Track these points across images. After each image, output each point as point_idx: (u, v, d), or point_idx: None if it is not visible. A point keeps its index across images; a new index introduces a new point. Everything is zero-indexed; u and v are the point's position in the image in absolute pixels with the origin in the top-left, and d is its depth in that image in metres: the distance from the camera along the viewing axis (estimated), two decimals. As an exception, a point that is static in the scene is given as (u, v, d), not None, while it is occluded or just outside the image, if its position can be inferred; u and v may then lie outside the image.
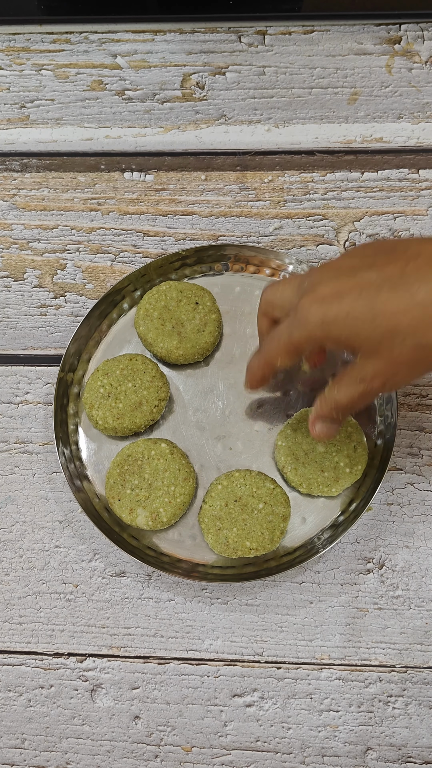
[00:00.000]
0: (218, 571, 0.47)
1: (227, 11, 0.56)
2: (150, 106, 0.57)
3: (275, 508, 0.46)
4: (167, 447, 0.48)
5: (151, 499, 0.46)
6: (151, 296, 0.51)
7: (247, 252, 0.52)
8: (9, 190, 0.56)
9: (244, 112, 0.56)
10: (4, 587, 0.49)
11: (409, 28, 0.56)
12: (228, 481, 0.47)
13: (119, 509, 0.47)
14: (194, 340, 0.50)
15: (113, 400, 0.48)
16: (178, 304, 0.50)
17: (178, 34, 0.57)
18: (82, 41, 0.57)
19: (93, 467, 0.50)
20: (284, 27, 0.57)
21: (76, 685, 0.47)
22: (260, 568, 0.47)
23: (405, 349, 0.34)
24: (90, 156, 0.56)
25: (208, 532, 0.46)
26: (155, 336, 0.50)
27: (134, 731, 0.46)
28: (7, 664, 0.47)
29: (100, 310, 0.52)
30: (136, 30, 0.57)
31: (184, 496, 0.47)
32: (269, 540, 0.45)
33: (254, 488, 0.46)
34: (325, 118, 0.56)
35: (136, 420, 0.48)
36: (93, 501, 0.49)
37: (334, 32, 0.56)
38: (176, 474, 0.47)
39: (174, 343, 0.50)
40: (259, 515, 0.46)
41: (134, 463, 0.47)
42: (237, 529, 0.46)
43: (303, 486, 0.47)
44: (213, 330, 0.50)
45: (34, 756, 0.46)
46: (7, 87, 0.57)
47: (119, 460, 0.48)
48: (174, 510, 0.46)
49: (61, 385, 0.50)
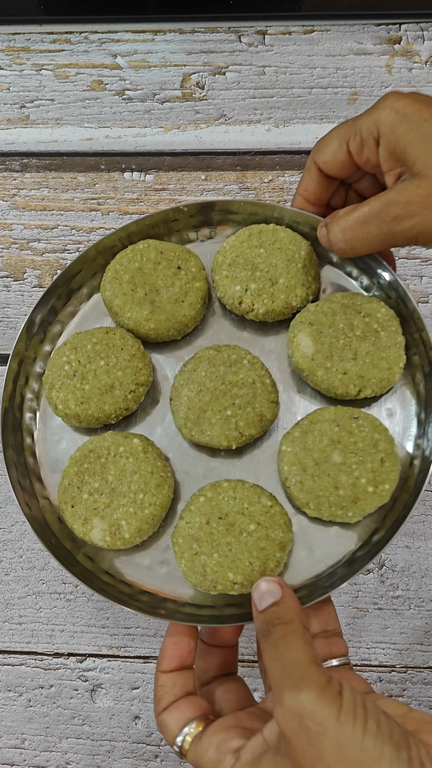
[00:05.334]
0: (191, 610, 0.37)
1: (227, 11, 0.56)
2: (150, 106, 0.57)
3: (271, 532, 0.35)
4: (140, 444, 0.38)
5: (113, 508, 0.36)
6: (124, 256, 0.42)
7: (256, 208, 0.43)
8: (9, 190, 0.56)
9: (244, 112, 0.56)
10: (4, 587, 0.49)
11: (409, 28, 0.56)
12: (213, 492, 0.37)
13: (71, 518, 0.37)
14: (170, 311, 0.40)
15: (79, 380, 0.39)
16: (156, 267, 0.41)
17: (178, 34, 0.57)
18: (82, 41, 0.57)
19: (49, 466, 0.41)
20: (284, 27, 0.57)
21: (76, 685, 0.47)
22: (245, 610, 0.36)
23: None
24: (90, 156, 0.56)
25: (182, 557, 0.36)
26: (122, 303, 0.40)
27: (134, 731, 0.46)
28: (7, 664, 0.47)
29: (80, 275, 0.43)
30: (136, 30, 0.57)
31: (155, 507, 0.37)
32: (260, 573, 0.35)
33: (245, 504, 0.36)
34: (325, 118, 0.56)
35: (105, 407, 0.39)
36: (43, 508, 0.40)
37: (334, 32, 0.56)
38: (147, 478, 0.37)
39: (144, 314, 0.40)
40: (248, 539, 0.35)
41: (96, 461, 0.38)
42: (219, 556, 0.35)
43: (311, 506, 0.37)
44: (194, 301, 0.41)
45: (34, 756, 0.46)
46: (7, 87, 0.57)
47: (79, 456, 0.38)
48: (140, 524, 0.36)
49: (19, 360, 0.41)
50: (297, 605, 0.30)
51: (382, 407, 0.41)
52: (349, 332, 0.40)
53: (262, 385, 0.39)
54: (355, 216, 0.35)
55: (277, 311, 0.41)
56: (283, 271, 0.41)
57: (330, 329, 0.40)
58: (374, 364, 0.39)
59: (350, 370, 0.39)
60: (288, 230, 0.43)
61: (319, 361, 0.39)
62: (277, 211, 0.43)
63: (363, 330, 0.40)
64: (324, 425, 0.38)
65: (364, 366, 0.39)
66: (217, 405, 0.38)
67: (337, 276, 0.44)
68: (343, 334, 0.40)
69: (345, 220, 0.36)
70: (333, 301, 0.41)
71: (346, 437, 0.38)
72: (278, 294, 0.41)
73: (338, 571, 0.37)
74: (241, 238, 0.42)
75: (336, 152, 0.38)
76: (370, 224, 0.35)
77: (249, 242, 0.42)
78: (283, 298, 0.41)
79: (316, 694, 0.26)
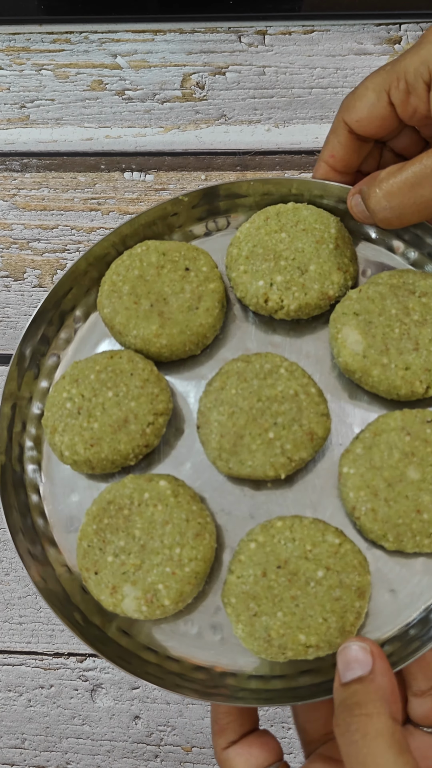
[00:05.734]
0: (257, 684, 0.31)
1: (227, 11, 0.56)
2: (150, 106, 0.57)
3: (344, 577, 0.30)
4: (168, 486, 0.32)
5: (145, 570, 0.31)
6: (120, 264, 0.36)
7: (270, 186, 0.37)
8: (9, 190, 0.56)
9: (244, 112, 0.56)
10: (4, 587, 0.49)
11: (409, 28, 0.56)
12: (266, 535, 0.31)
13: (96, 587, 0.31)
14: (183, 322, 0.34)
15: (85, 419, 0.33)
16: (160, 272, 0.35)
17: (178, 34, 0.57)
18: (82, 41, 0.57)
19: (63, 525, 0.35)
20: (284, 27, 0.57)
21: (76, 685, 0.47)
22: (326, 678, 0.30)
23: None
24: (90, 156, 0.56)
25: (238, 620, 0.30)
26: (125, 319, 0.34)
27: (134, 731, 0.46)
28: (7, 664, 0.47)
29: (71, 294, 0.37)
30: (136, 30, 0.57)
31: (197, 562, 0.31)
32: (338, 631, 0.29)
33: (308, 545, 0.30)
34: (325, 118, 0.56)
35: (120, 446, 0.32)
36: (61, 577, 0.34)
37: (334, 32, 0.56)
38: (182, 528, 0.31)
39: (153, 329, 0.34)
40: (318, 589, 0.29)
41: (118, 514, 0.31)
42: (283, 614, 0.29)
43: (389, 538, 0.31)
44: (211, 307, 0.35)
45: (34, 756, 0.46)
46: (7, 87, 0.58)
47: (96, 511, 0.32)
48: (180, 586, 0.30)
49: (11, 403, 0.35)
50: (389, 684, 0.25)
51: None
52: (405, 318, 0.33)
53: (306, 396, 0.32)
54: (404, 177, 0.29)
55: (312, 305, 0.34)
56: (312, 256, 0.34)
57: (381, 317, 0.33)
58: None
59: (413, 363, 0.32)
60: (311, 207, 0.36)
61: (373, 357, 0.32)
62: (295, 186, 0.36)
63: (422, 313, 0.33)
64: (391, 435, 0.31)
65: (429, 356, 0.32)
66: (256, 427, 0.32)
67: (376, 253, 0.37)
68: (398, 321, 0.33)
69: (390, 183, 0.29)
70: (379, 283, 0.34)
71: (421, 447, 0.31)
72: (310, 284, 0.34)
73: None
74: (256, 223, 0.36)
75: (373, 106, 0.31)
76: (423, 186, 0.29)
77: (267, 227, 0.35)
78: (317, 287, 0.34)
79: None
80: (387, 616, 0.31)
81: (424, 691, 0.30)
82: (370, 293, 0.33)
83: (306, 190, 0.36)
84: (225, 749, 0.29)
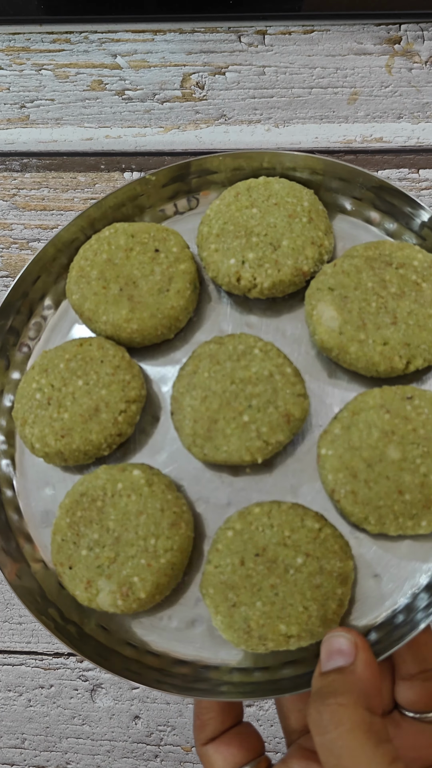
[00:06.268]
0: (240, 678, 0.30)
1: (227, 11, 0.56)
2: (150, 106, 0.57)
3: (325, 563, 0.28)
4: (142, 475, 0.31)
5: (120, 563, 0.30)
6: (88, 248, 0.35)
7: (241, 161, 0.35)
8: (9, 190, 0.56)
9: (244, 112, 0.56)
10: (4, 587, 0.49)
11: (409, 28, 0.56)
12: (243, 522, 0.30)
13: (70, 582, 0.30)
14: (154, 305, 0.33)
15: (55, 409, 0.32)
16: (128, 255, 0.34)
17: (178, 34, 0.57)
18: (82, 41, 0.57)
19: (38, 520, 0.34)
20: (284, 27, 0.56)
21: (76, 685, 0.47)
22: (310, 668, 0.29)
23: None
24: (90, 156, 0.56)
25: (217, 611, 0.29)
26: (94, 305, 0.33)
27: (134, 731, 0.46)
28: (7, 664, 0.47)
29: (39, 282, 0.36)
30: (136, 30, 0.57)
31: (173, 553, 0.30)
32: (319, 619, 0.28)
33: (286, 531, 0.29)
34: (325, 118, 0.56)
35: (92, 436, 0.32)
36: (37, 574, 0.33)
37: (334, 32, 0.56)
38: (157, 518, 0.30)
39: (123, 314, 0.33)
40: (298, 577, 0.28)
41: (91, 506, 0.31)
42: (263, 604, 0.28)
43: (371, 521, 0.29)
44: (182, 288, 0.33)
45: (34, 756, 0.46)
46: (7, 87, 0.58)
47: (69, 503, 0.31)
48: (156, 578, 0.29)
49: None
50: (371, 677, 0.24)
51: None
52: (382, 291, 0.31)
53: (282, 376, 0.31)
54: None
55: (287, 281, 0.33)
56: (285, 231, 0.33)
57: (357, 291, 0.31)
58: (421, 326, 0.31)
59: (391, 338, 0.30)
60: (283, 180, 0.34)
61: (350, 333, 0.31)
62: (266, 160, 0.35)
63: (399, 285, 0.31)
64: (370, 414, 0.30)
65: (408, 330, 0.30)
66: (230, 411, 0.31)
67: (353, 226, 0.35)
68: (374, 295, 0.31)
69: None
70: (354, 256, 0.32)
71: (401, 425, 0.29)
72: (284, 260, 0.33)
73: (420, 598, 0.29)
74: (227, 200, 0.34)
75: None
76: None
77: (237, 203, 0.34)
78: (291, 263, 0.33)
79: None
80: (372, 602, 0.30)
81: (413, 674, 0.29)
82: (345, 267, 0.32)
83: (278, 163, 0.35)
84: (204, 745, 0.28)
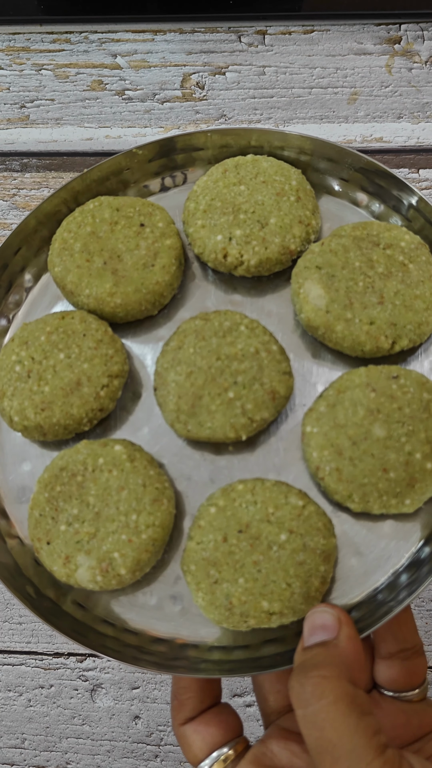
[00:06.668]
0: (219, 656, 0.30)
1: (227, 11, 0.56)
2: (150, 106, 0.57)
3: (309, 540, 0.28)
4: (124, 450, 0.30)
5: (100, 539, 0.29)
6: (71, 221, 0.34)
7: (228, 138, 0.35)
8: (9, 190, 0.56)
9: (244, 112, 0.56)
10: (4, 587, 0.49)
11: (409, 28, 0.56)
12: (226, 499, 0.29)
13: (48, 558, 0.30)
14: (138, 280, 0.32)
15: (35, 382, 0.31)
16: (113, 228, 0.33)
17: (178, 34, 0.57)
18: (82, 41, 0.57)
19: (14, 496, 0.33)
20: (284, 27, 0.56)
21: (76, 685, 0.47)
22: (291, 646, 0.29)
23: None
24: (90, 156, 0.56)
25: (198, 588, 0.28)
26: (77, 278, 0.33)
27: (134, 731, 0.46)
28: (7, 664, 0.47)
29: (20, 254, 0.36)
30: (136, 30, 0.57)
31: (154, 529, 0.29)
32: (302, 596, 0.28)
33: (270, 508, 0.29)
34: (325, 118, 0.56)
35: (73, 410, 0.31)
36: (12, 550, 0.32)
37: (334, 32, 0.56)
38: (139, 493, 0.29)
39: (106, 287, 0.32)
40: (281, 554, 0.28)
41: (71, 481, 0.30)
42: (245, 581, 0.28)
43: (354, 499, 0.29)
44: (167, 264, 0.33)
45: (34, 756, 0.46)
46: (7, 87, 0.57)
47: (48, 478, 0.31)
48: (137, 554, 0.29)
49: None
50: (354, 651, 0.24)
51: (424, 359, 0.33)
52: (369, 271, 0.31)
53: (267, 353, 0.31)
54: None
55: (273, 260, 0.33)
56: (273, 209, 0.33)
57: (344, 270, 0.31)
58: (407, 306, 0.31)
59: (378, 317, 0.30)
60: (271, 159, 0.35)
61: (336, 312, 0.31)
62: (254, 138, 0.35)
63: (386, 265, 0.31)
64: (356, 392, 0.30)
65: (394, 310, 0.31)
66: (215, 387, 0.30)
67: (340, 207, 0.35)
68: (362, 275, 0.31)
69: None
70: (342, 235, 0.32)
71: (386, 404, 0.29)
72: (271, 237, 0.33)
73: (402, 578, 0.29)
74: (214, 176, 0.34)
75: None
76: None
77: (225, 180, 0.34)
78: (278, 241, 0.33)
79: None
80: (354, 580, 0.30)
81: (393, 653, 0.29)
82: (333, 246, 0.32)
83: (266, 141, 0.35)
84: (182, 725, 0.28)
